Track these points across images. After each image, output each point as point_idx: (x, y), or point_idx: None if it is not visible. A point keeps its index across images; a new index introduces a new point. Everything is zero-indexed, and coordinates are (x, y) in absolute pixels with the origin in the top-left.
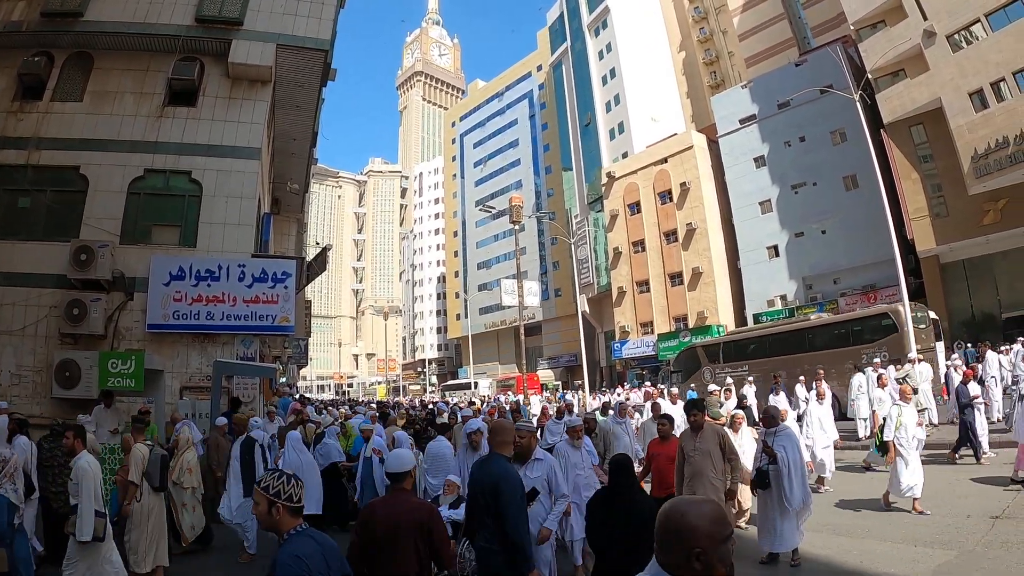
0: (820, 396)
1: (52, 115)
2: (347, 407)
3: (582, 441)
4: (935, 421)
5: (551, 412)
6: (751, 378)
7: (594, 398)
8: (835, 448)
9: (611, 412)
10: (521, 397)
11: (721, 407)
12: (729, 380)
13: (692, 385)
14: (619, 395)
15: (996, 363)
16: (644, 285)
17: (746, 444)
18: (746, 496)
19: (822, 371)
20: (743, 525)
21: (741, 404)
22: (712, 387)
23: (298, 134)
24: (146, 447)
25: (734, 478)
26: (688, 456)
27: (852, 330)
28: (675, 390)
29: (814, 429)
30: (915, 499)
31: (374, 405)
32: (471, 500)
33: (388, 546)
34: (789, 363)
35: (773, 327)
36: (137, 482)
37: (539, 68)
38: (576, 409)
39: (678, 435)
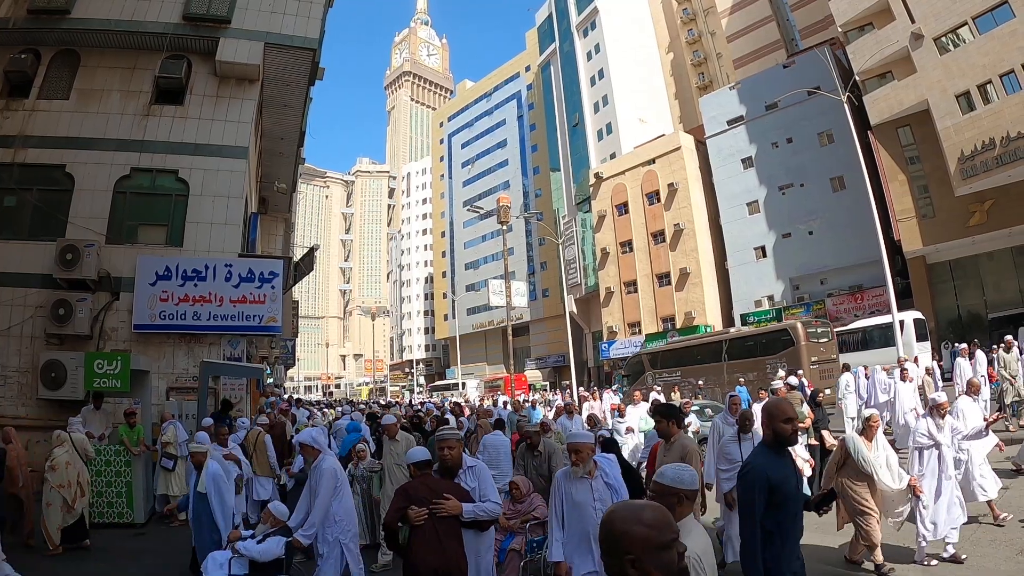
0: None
1: (38, 113)
2: (347, 405)
3: (581, 468)
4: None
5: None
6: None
7: (594, 398)
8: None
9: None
10: (526, 397)
11: (802, 404)
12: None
13: (657, 388)
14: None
15: (985, 363)
16: (632, 286)
17: (886, 455)
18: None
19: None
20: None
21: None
22: (779, 383)
23: (286, 133)
24: None
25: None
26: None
27: (760, 343)
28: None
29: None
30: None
31: (377, 405)
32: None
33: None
34: (710, 370)
35: (700, 339)
36: None
37: (527, 69)
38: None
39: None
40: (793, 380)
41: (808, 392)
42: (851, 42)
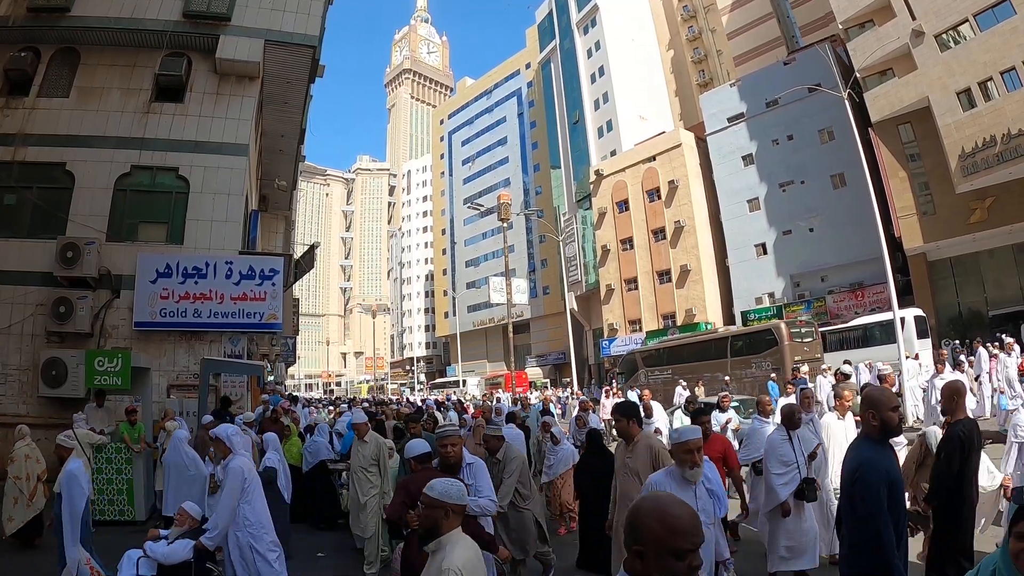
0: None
1: (38, 111)
2: (346, 404)
3: (699, 470)
4: (921, 418)
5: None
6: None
7: (618, 395)
8: None
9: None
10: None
11: (856, 396)
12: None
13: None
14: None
15: (987, 360)
16: (632, 283)
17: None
18: None
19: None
20: None
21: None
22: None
23: (286, 131)
24: None
25: None
26: (617, 472)
27: (746, 342)
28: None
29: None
30: None
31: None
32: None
33: None
34: (699, 368)
35: (690, 338)
36: None
37: (527, 66)
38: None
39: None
40: (847, 369)
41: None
42: (852, 39)
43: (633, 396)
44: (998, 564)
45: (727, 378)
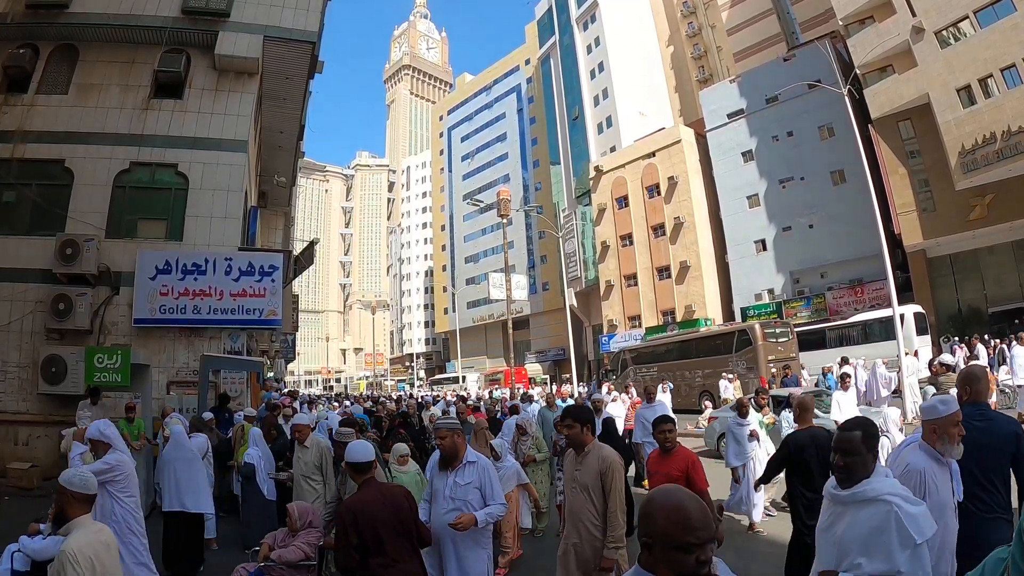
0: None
1: (37, 108)
2: (348, 402)
3: (961, 448)
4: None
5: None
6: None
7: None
8: None
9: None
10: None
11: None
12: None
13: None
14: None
15: (986, 357)
16: (632, 279)
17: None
18: None
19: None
20: None
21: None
22: (947, 356)
23: (285, 127)
24: None
25: (612, 538)
26: (565, 486)
27: (725, 342)
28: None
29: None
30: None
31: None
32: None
33: (385, 539)
34: (682, 366)
35: (675, 337)
36: None
37: (527, 62)
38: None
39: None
40: (948, 358)
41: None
42: (852, 36)
43: (666, 398)
44: (1013, 557)
45: (731, 375)
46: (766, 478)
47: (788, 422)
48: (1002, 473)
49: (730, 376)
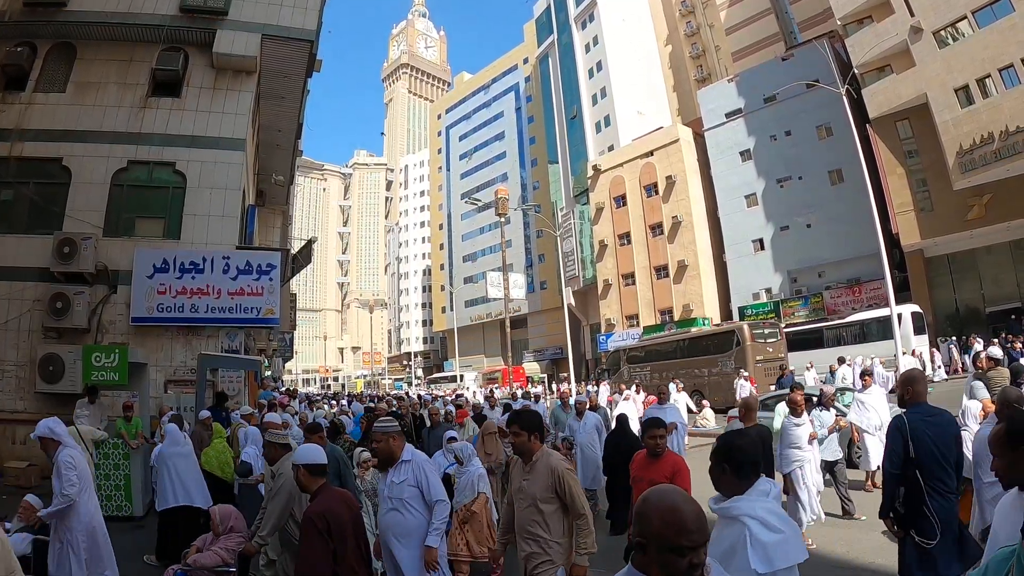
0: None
1: (35, 106)
2: (346, 400)
3: None
4: None
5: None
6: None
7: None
8: None
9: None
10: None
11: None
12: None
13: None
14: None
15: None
16: (630, 278)
17: None
18: None
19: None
20: None
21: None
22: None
23: (283, 125)
24: None
25: (582, 545)
26: (513, 496)
27: (714, 342)
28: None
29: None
30: None
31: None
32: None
33: (350, 546)
34: (673, 365)
35: (667, 337)
36: None
37: (525, 61)
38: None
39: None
40: (996, 352)
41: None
42: (850, 35)
43: (681, 398)
44: (1019, 558)
45: (747, 373)
46: None
47: (820, 421)
48: (952, 463)
49: (746, 374)
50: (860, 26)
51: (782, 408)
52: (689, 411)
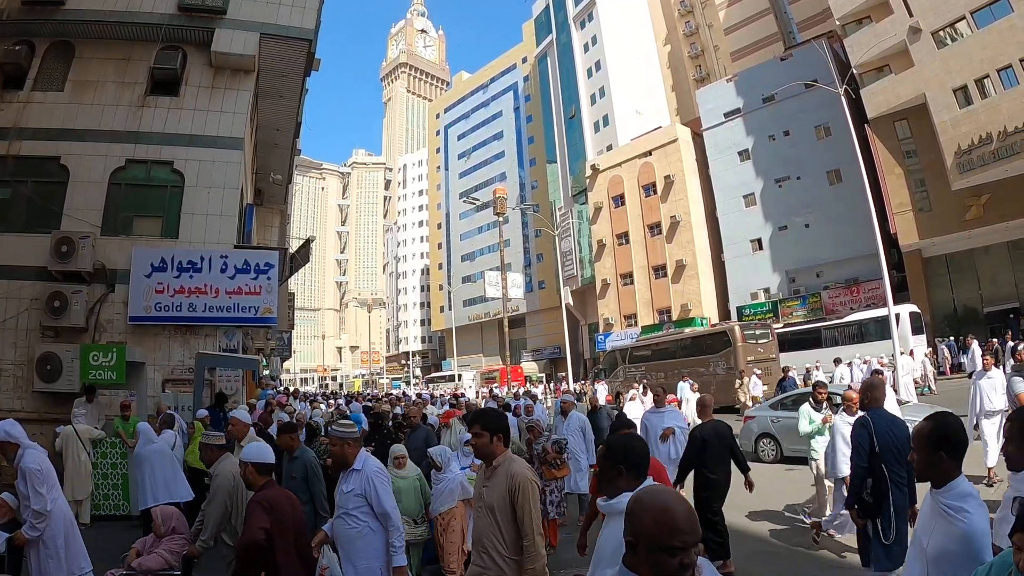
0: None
1: (33, 105)
2: (343, 399)
3: None
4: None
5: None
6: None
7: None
8: None
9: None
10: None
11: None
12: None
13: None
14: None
15: (980, 356)
16: (628, 277)
17: None
18: None
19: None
20: None
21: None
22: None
23: (281, 124)
24: None
25: (530, 572)
26: (474, 504)
27: (706, 343)
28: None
29: None
30: None
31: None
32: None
33: (290, 536)
34: (667, 366)
35: (662, 337)
36: None
37: (524, 60)
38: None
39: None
40: None
41: None
42: (849, 35)
43: (694, 396)
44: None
45: (758, 372)
46: (681, 478)
47: (845, 420)
48: (905, 459)
49: (758, 372)
50: (859, 26)
51: (807, 409)
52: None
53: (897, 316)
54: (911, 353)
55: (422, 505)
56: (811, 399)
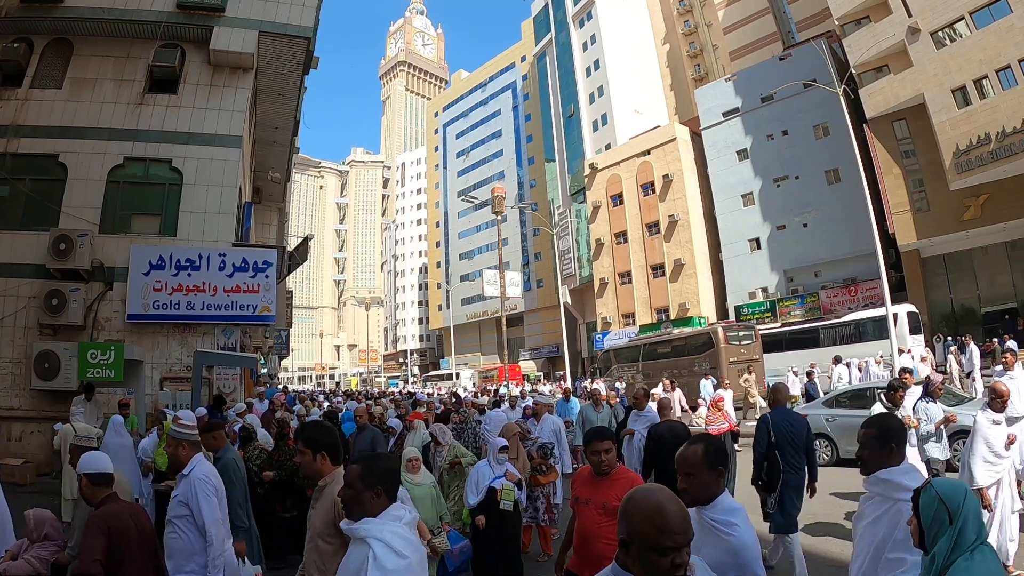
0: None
1: (31, 102)
2: (340, 397)
3: None
4: None
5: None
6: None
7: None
8: None
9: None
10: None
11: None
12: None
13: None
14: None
15: (978, 356)
16: (626, 276)
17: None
18: None
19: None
20: None
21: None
22: None
23: (280, 123)
24: None
25: None
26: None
27: (692, 344)
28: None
29: None
30: None
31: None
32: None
33: (135, 552)
34: (655, 366)
35: (652, 338)
36: None
37: (523, 59)
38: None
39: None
40: None
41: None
42: (847, 35)
43: (675, 394)
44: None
45: (795, 369)
46: (646, 476)
47: (927, 415)
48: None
49: (795, 369)
50: (858, 26)
51: (879, 409)
52: (683, 410)
53: (895, 316)
54: (909, 352)
55: (439, 514)
56: (882, 396)
